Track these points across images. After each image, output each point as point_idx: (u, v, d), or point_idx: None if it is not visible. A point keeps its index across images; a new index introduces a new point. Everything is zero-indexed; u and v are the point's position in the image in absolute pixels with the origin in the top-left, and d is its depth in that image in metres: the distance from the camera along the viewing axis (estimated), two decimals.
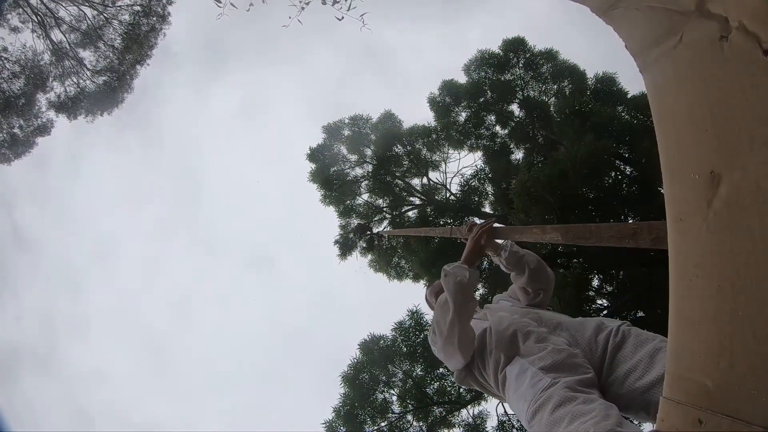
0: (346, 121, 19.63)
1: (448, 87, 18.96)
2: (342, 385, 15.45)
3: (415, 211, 18.68)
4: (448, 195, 18.43)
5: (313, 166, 19.38)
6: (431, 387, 15.47)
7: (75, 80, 18.88)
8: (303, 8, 13.09)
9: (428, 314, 16.02)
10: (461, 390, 15.18)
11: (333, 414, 15.17)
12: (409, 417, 15.30)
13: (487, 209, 18.21)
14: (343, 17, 13.04)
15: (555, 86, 18.32)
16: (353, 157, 19.35)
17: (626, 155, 15.54)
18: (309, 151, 19.57)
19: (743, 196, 1.35)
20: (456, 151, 18.85)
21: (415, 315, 16.03)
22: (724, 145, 1.40)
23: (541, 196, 14.67)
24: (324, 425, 15.13)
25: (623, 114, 16.62)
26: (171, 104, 45.29)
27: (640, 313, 14.89)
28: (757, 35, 1.31)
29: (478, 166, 18.27)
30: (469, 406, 15.29)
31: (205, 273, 52.46)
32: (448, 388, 15.38)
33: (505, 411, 15.07)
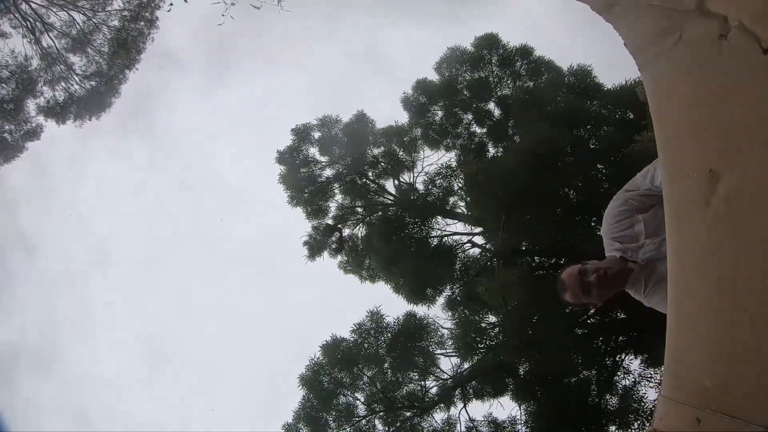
0: (315, 122, 19.47)
1: (423, 86, 18.65)
2: (300, 386, 15.18)
3: (391, 210, 18.53)
4: (414, 194, 18.28)
5: (283, 168, 19.23)
6: (401, 391, 15.33)
7: (64, 85, 18.89)
8: (233, 4, 13.20)
9: (389, 316, 15.81)
10: (431, 394, 15.09)
11: (293, 417, 14.93)
12: (377, 422, 15.09)
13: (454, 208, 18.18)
14: (261, 6, 13.26)
15: (531, 83, 18.31)
16: (323, 159, 19.23)
17: (595, 147, 15.22)
18: (277, 154, 19.42)
19: (742, 195, 1.34)
20: (433, 151, 18.72)
21: (375, 317, 15.66)
22: (723, 144, 1.39)
23: (492, 189, 14.46)
24: (284, 428, 14.87)
25: (593, 106, 16.66)
26: (173, 108, 44.90)
27: None
28: (757, 34, 1.31)
29: (445, 164, 18.08)
30: (437, 411, 15.15)
31: (205, 274, 52.10)
32: (418, 393, 15.21)
33: (470, 417, 15.04)
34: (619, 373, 14.60)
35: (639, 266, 2.79)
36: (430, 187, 17.88)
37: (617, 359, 14.79)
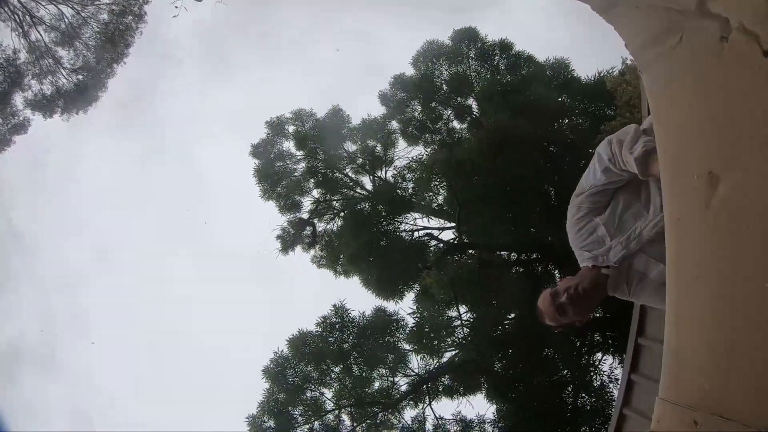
0: (289, 116, 19.35)
1: (400, 81, 18.64)
2: (264, 379, 15.17)
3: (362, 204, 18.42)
4: (385, 188, 18.17)
5: (257, 161, 19.10)
6: (370, 387, 15.30)
7: (51, 79, 18.96)
8: None
9: (354, 311, 15.76)
10: (401, 391, 15.06)
11: (257, 409, 14.84)
12: (344, 417, 15.01)
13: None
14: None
15: (510, 77, 17.77)
16: (299, 153, 19.12)
17: (567, 139, 14.98)
18: (251, 147, 19.29)
19: (742, 197, 1.33)
20: (411, 147, 18.59)
21: (340, 311, 15.66)
22: (723, 146, 1.39)
23: (449, 180, 14.38)
24: (248, 419, 14.83)
25: (564, 98, 16.63)
26: (165, 102, 44.12)
27: None
28: (758, 36, 1.30)
29: (414, 157, 17.93)
30: (406, 408, 15.07)
31: (205, 273, 51.19)
32: (386, 389, 15.12)
33: (435, 415, 15.01)
34: (593, 374, 14.60)
35: (614, 269, 2.73)
36: (399, 180, 17.79)
37: (591, 360, 14.81)
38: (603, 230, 2.69)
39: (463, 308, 14.59)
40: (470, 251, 16.26)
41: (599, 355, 14.82)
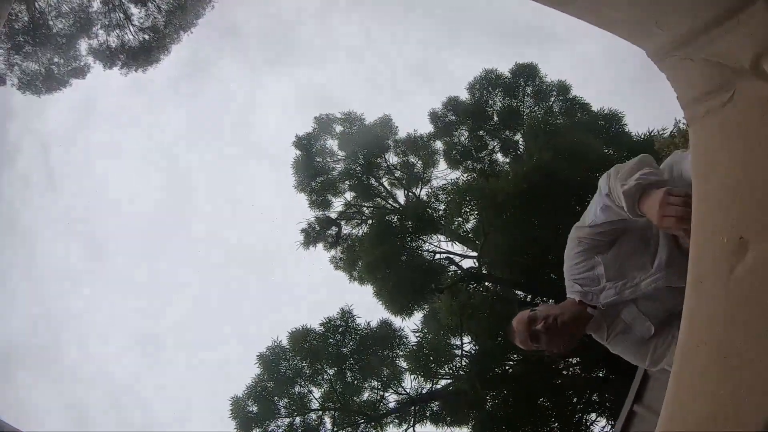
0: (338, 116, 19.56)
1: (453, 104, 18.68)
2: (257, 364, 15.29)
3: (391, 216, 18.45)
4: (417, 205, 18.19)
5: (298, 153, 19.32)
6: (359, 396, 15.24)
7: (119, 33, 19.16)
8: None
9: (361, 318, 15.77)
10: (389, 405, 15.00)
11: (245, 392, 14.88)
12: (327, 419, 14.98)
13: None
14: None
15: (563, 120, 17.60)
16: (341, 153, 19.29)
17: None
18: (295, 138, 19.53)
19: None
20: (451, 170, 18.62)
21: (346, 315, 15.65)
22: (759, 213, 1.33)
23: (478, 208, 14.37)
24: (232, 400, 14.86)
25: (609, 150, 16.33)
26: (216, 79, 44.41)
27: None
28: None
29: (452, 180, 17.84)
30: (390, 424, 14.98)
31: (203, 270, 51.43)
32: (374, 401, 15.07)
33: None
34: None
35: (600, 312, 2.61)
36: (432, 200, 17.80)
37: (585, 419, 14.52)
38: (602, 270, 2.57)
39: (466, 339, 14.48)
40: (486, 283, 16.16)
41: (593, 415, 14.52)
